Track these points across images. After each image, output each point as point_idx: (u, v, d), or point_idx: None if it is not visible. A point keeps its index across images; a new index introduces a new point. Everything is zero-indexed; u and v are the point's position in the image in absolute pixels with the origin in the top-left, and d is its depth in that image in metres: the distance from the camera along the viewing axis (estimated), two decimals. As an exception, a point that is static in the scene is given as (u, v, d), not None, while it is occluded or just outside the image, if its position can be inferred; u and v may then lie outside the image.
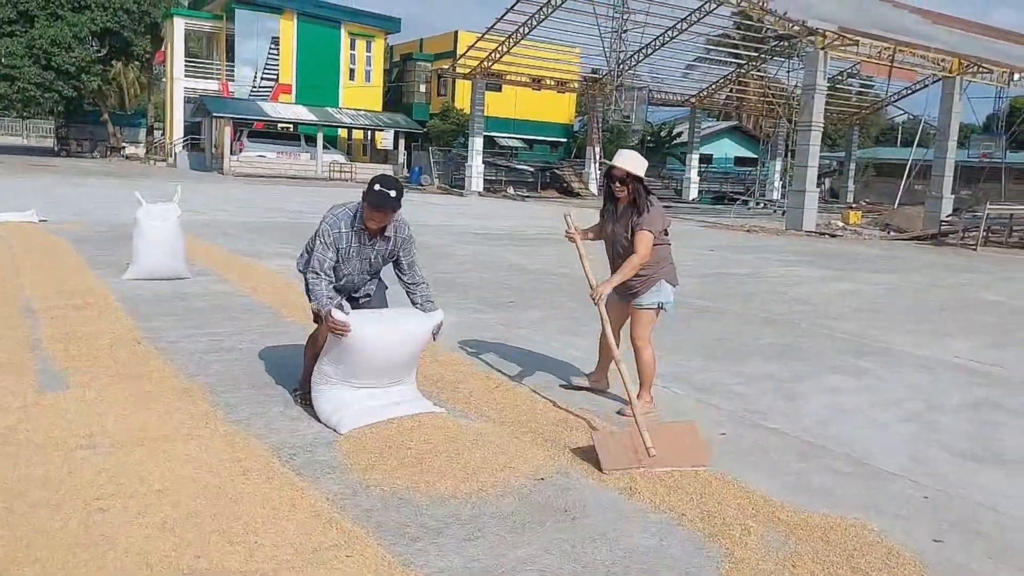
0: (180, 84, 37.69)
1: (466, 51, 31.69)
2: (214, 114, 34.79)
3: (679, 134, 42.75)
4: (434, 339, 4.27)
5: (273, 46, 37.47)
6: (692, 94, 37.30)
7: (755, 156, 42.44)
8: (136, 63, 44.14)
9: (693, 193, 36.86)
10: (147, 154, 42.45)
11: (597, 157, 35.79)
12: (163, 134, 42.09)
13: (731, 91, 38.65)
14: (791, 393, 5.13)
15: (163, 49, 40.15)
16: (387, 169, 37.11)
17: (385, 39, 41.85)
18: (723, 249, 15.01)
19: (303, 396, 4.30)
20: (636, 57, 31.87)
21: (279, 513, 2.99)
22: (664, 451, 3.68)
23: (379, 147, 40.73)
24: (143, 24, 39.51)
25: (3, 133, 56.67)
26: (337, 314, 3.91)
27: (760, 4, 22.47)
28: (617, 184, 4.33)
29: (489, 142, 35.85)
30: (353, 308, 4.27)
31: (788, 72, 33.26)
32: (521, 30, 29.43)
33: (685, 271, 10.99)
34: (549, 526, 3.07)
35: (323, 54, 38.08)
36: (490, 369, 5.22)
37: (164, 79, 41.36)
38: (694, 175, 37.40)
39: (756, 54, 34.44)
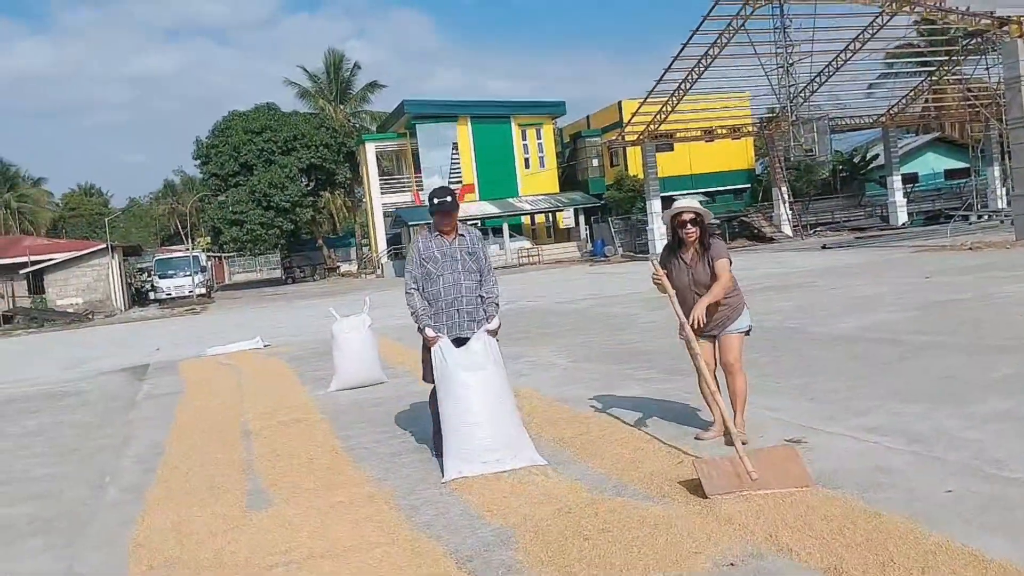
0: (378, 201, 40.93)
1: (631, 118, 31.92)
2: (409, 223, 37.27)
3: (875, 157, 39.93)
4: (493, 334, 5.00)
5: (454, 151, 39.84)
6: (881, 113, 34.89)
7: (967, 166, 38.57)
8: (341, 190, 48.72)
9: (902, 217, 34.06)
10: (359, 269, 46.17)
11: (785, 198, 34.21)
12: (370, 249, 45.69)
13: (927, 102, 35.73)
14: (1035, 432, 4.38)
15: (361, 173, 44.05)
16: (570, 247, 37.72)
17: (553, 123, 43.17)
18: (942, 273, 13.56)
19: (438, 452, 4.93)
20: (810, 87, 30.49)
21: (453, 622, 2.92)
22: (766, 475, 3.82)
23: (561, 226, 41.56)
24: (341, 154, 43.74)
25: (239, 271, 64.27)
26: (429, 331, 4.94)
27: (937, 4, 20.80)
28: (689, 227, 4.68)
29: (668, 202, 35.40)
30: (456, 332, 5.02)
31: (988, 68, 30.26)
32: (683, 86, 29.23)
33: (895, 305, 10.06)
34: (739, 620, 2.75)
35: (498, 149, 39.91)
36: (673, 446, 4.91)
37: (365, 199, 45.13)
38: (899, 198, 34.61)
39: (947, 57, 31.73)
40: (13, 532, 4.61)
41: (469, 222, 41.10)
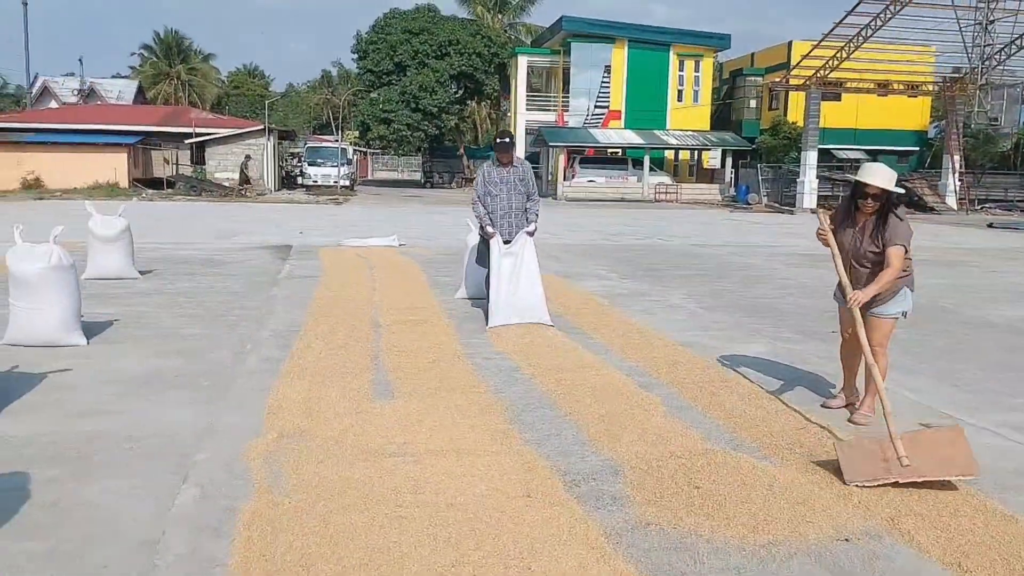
0: (522, 117, 40.71)
1: (799, 61, 30.06)
2: (550, 144, 37.04)
3: (1068, 136, 36.07)
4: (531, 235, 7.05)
5: (605, 75, 38.88)
6: (1087, 87, 31.23)
7: None
8: (487, 101, 48.80)
9: (1088, 204, 30.85)
10: (493, 182, 46.42)
11: (956, 167, 31.61)
12: (507, 164, 45.65)
13: None
14: None
15: (509, 86, 43.88)
16: (712, 189, 36.56)
17: (714, 57, 41.29)
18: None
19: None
20: (1007, 50, 27.61)
21: (556, 541, 2.99)
22: (921, 461, 3.46)
23: (706, 166, 40.19)
24: (492, 65, 43.62)
25: (382, 168, 66.23)
26: (489, 228, 7.01)
27: None
28: (870, 200, 4.29)
29: (825, 155, 33.44)
30: (506, 236, 7.06)
31: None
32: (863, 33, 27.10)
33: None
34: (847, 597, 2.68)
35: (652, 78, 38.63)
36: (797, 409, 4.76)
37: (510, 114, 45.07)
38: (1092, 183, 31.28)
39: None
40: (162, 383, 5.05)
41: (610, 151, 40.22)
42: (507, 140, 7.07)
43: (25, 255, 5.88)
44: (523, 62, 40.84)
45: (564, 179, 36.37)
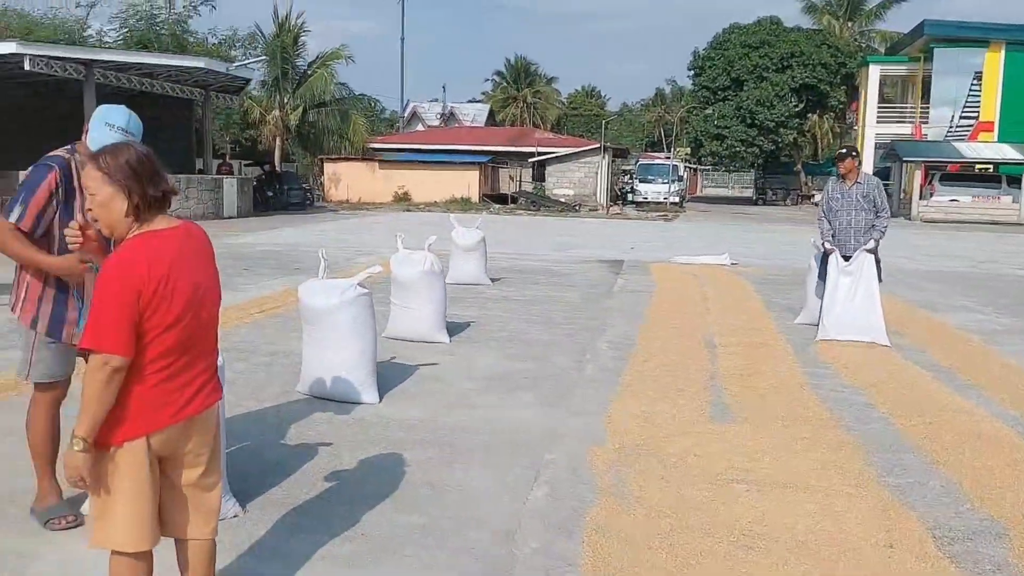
0: (871, 131, 37.50)
1: None
2: (904, 158, 33.56)
3: None
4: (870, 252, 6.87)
5: (975, 82, 34.35)
6: None
7: None
8: (830, 114, 45.76)
9: None
10: (832, 200, 43.34)
11: None
12: (850, 181, 42.34)
13: None
14: None
15: (857, 98, 40.74)
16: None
17: None
18: None
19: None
20: None
21: (927, 604, 2.67)
22: None
23: (1110, 185, 33.45)
24: (839, 76, 40.83)
25: (710, 185, 65.43)
26: (827, 244, 7.03)
27: None
28: None
29: None
30: (847, 252, 6.96)
31: None
32: None
33: None
34: None
35: (1037, 83, 33.24)
36: None
37: (856, 127, 41.81)
38: None
39: None
40: (512, 383, 5.44)
41: (979, 167, 35.40)
42: (843, 151, 7.20)
43: (405, 260, 6.72)
44: (875, 71, 37.64)
45: (920, 198, 32.72)
